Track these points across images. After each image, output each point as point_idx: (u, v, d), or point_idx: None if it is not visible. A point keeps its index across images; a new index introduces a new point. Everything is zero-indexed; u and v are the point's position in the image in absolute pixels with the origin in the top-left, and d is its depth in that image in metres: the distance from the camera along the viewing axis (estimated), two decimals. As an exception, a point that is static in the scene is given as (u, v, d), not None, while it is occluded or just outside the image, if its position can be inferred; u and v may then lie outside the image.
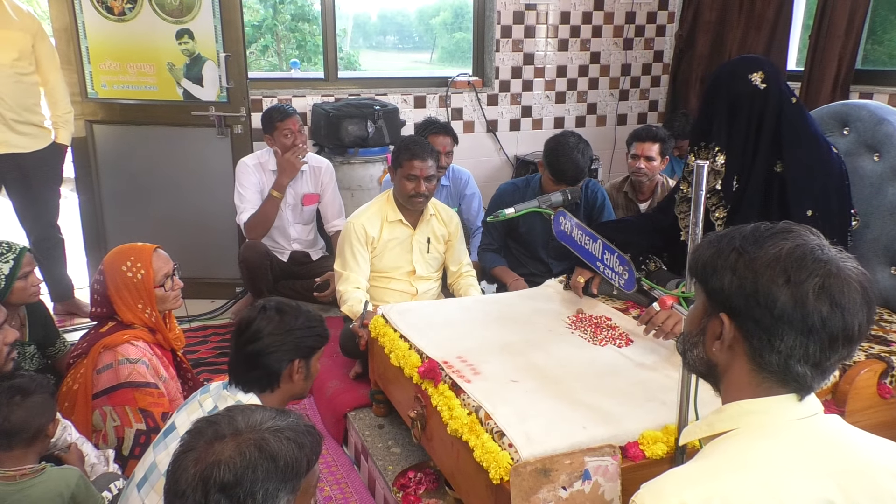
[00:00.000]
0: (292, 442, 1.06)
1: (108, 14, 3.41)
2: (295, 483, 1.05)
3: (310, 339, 1.61)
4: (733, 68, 1.98)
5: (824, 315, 0.91)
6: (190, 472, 1.01)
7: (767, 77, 1.91)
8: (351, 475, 2.33)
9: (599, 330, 2.10)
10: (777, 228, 0.98)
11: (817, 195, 1.95)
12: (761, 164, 1.95)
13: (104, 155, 3.65)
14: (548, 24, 4.55)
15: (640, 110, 4.97)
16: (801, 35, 4.12)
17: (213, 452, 1.02)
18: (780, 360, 0.94)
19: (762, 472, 0.91)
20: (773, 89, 1.92)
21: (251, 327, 1.58)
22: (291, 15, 6.82)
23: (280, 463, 1.03)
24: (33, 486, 1.61)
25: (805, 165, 1.94)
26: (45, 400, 1.69)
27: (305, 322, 1.61)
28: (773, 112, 1.92)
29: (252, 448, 1.02)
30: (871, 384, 1.81)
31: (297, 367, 1.59)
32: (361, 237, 2.73)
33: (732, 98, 1.93)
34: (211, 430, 1.06)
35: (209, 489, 0.99)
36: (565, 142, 2.76)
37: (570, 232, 1.82)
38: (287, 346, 1.57)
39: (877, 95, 3.43)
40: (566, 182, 2.74)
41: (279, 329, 1.57)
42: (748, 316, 0.95)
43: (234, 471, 1.00)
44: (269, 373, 1.57)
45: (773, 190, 1.96)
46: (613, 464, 1.46)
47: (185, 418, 1.55)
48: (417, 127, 3.52)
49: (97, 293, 2.07)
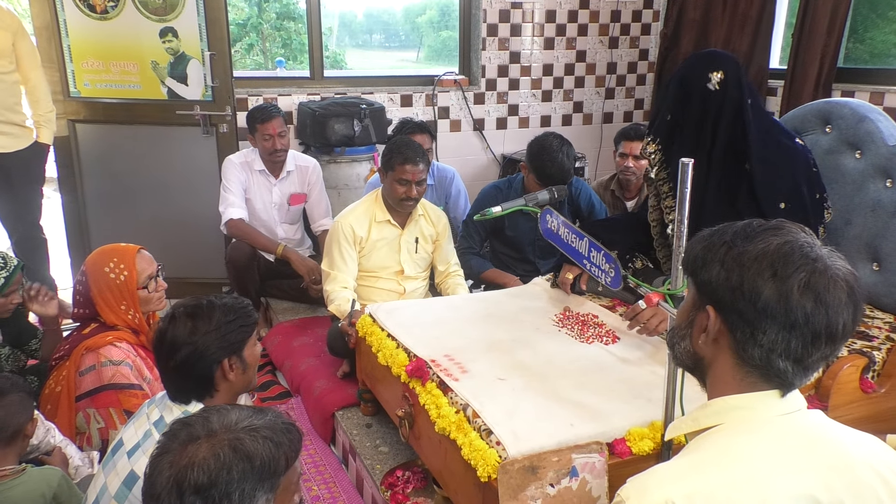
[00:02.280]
0: (269, 441, 1.05)
1: (90, 12, 3.37)
2: (273, 482, 1.04)
3: (231, 334, 1.50)
4: (694, 63, 1.95)
5: (808, 311, 0.91)
6: (165, 475, 1.01)
7: (727, 76, 1.88)
8: (339, 475, 2.33)
9: (586, 327, 2.11)
10: (769, 225, 0.99)
11: (788, 187, 1.96)
12: (723, 163, 1.93)
13: (87, 154, 3.61)
14: (534, 22, 4.56)
15: (626, 108, 5.00)
16: (784, 33, 4.16)
17: (187, 454, 1.02)
18: (763, 353, 0.95)
19: (746, 468, 0.91)
20: (731, 89, 1.89)
21: (165, 340, 1.47)
22: (277, 13, 6.78)
23: (256, 462, 1.02)
24: (14, 487, 1.59)
25: (771, 161, 1.94)
26: (21, 399, 1.67)
27: (222, 318, 1.50)
28: (732, 111, 1.90)
29: (227, 449, 1.02)
30: (854, 379, 1.83)
31: (228, 366, 1.50)
32: (349, 237, 2.72)
33: (685, 93, 1.92)
34: (185, 432, 1.05)
35: (184, 492, 0.99)
36: (548, 145, 2.75)
37: (556, 230, 1.83)
38: (210, 349, 1.47)
39: (858, 94, 3.47)
40: (554, 185, 2.74)
41: (195, 335, 1.47)
42: (733, 308, 0.96)
43: (209, 472, 0.99)
44: (201, 380, 1.49)
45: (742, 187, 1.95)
46: (600, 460, 1.47)
47: (132, 433, 1.49)
48: (394, 129, 3.50)
49: (80, 294, 2.05)
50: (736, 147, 1.93)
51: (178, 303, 1.56)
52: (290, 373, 2.91)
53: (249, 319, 1.56)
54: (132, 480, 1.38)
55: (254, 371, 1.60)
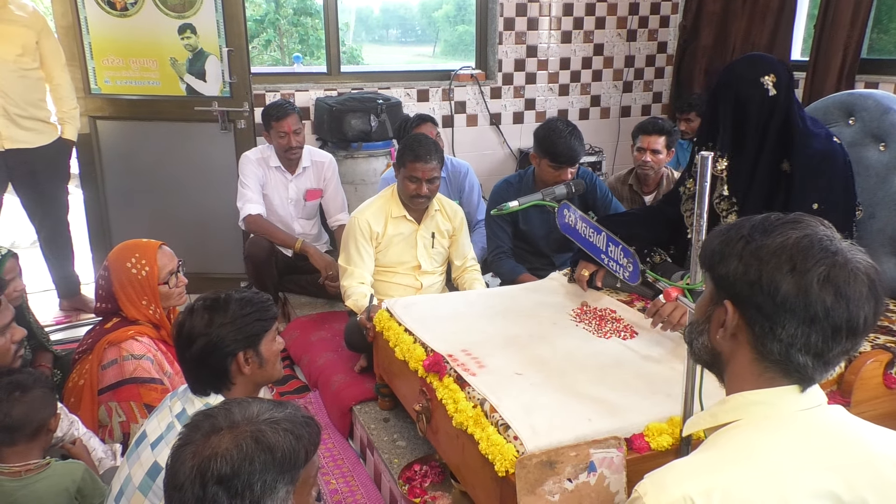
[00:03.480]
0: (289, 433, 1.06)
1: (110, 10, 3.41)
2: (293, 474, 1.05)
3: (248, 327, 1.51)
4: (743, 71, 1.91)
5: (828, 305, 0.90)
6: (188, 465, 1.02)
7: (779, 80, 1.87)
8: (357, 468, 2.34)
9: (604, 322, 2.09)
10: (787, 218, 0.98)
11: (823, 189, 1.94)
12: (767, 164, 1.93)
13: (108, 151, 3.65)
14: (551, 16, 4.53)
15: (644, 102, 4.95)
16: (806, 25, 4.10)
17: (210, 445, 1.03)
18: (782, 348, 0.94)
19: (764, 464, 0.90)
20: (783, 92, 1.88)
21: (183, 331, 1.50)
22: (294, 9, 6.82)
23: (277, 454, 1.03)
24: (38, 481, 1.62)
25: (813, 162, 1.93)
26: (44, 394, 1.69)
27: (238, 311, 1.51)
28: (781, 114, 1.89)
29: (249, 440, 1.03)
30: (877, 374, 1.80)
31: (244, 360, 1.51)
32: (366, 232, 2.73)
33: (742, 103, 1.89)
34: (208, 424, 1.07)
35: (207, 482, 1.00)
36: (554, 126, 2.75)
37: (574, 224, 1.82)
38: (224, 341, 1.48)
39: (882, 85, 3.40)
40: (565, 163, 2.72)
41: (210, 327, 1.48)
42: (751, 303, 0.95)
43: (232, 463, 1.00)
44: (217, 373, 1.50)
45: (779, 187, 1.94)
46: (619, 456, 1.46)
47: (155, 425, 1.51)
48: (397, 127, 3.49)
49: (102, 289, 2.08)
50: (778, 149, 1.91)
51: (198, 296, 1.57)
52: (308, 367, 2.93)
53: (267, 314, 1.57)
54: (156, 471, 1.41)
55: (273, 365, 1.60)
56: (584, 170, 3.08)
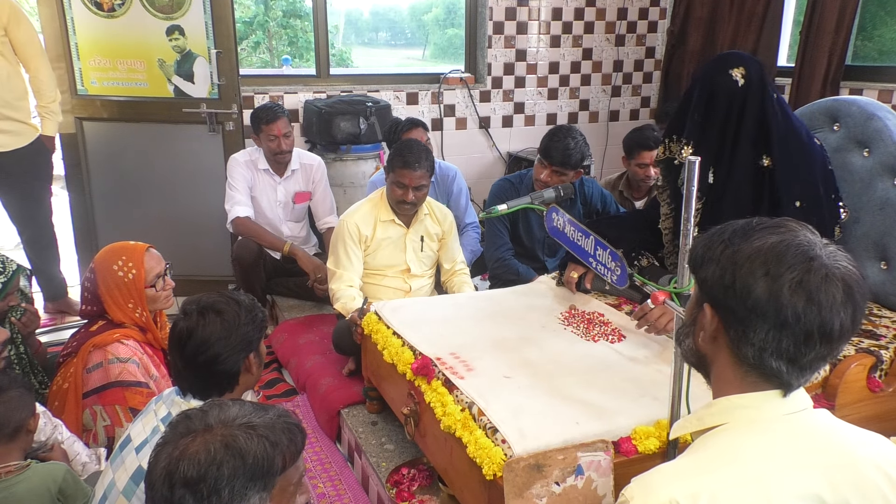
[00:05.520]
0: (265, 439, 1.05)
1: (97, 10, 3.39)
2: (266, 481, 1.04)
3: (254, 331, 1.56)
4: (713, 65, 1.98)
5: (798, 310, 0.90)
6: (161, 465, 1.02)
7: (748, 73, 1.91)
8: (344, 472, 2.33)
9: (592, 326, 2.10)
10: (769, 223, 0.98)
11: (804, 186, 1.96)
12: (745, 159, 1.95)
13: (94, 152, 3.62)
14: (540, 20, 4.55)
15: (633, 106, 4.98)
16: (792, 31, 4.14)
17: (180, 447, 1.03)
18: (755, 352, 0.95)
19: (750, 467, 0.91)
20: (754, 85, 1.91)
21: (194, 337, 1.49)
22: (283, 11, 6.79)
23: (249, 460, 1.02)
24: (18, 483, 1.60)
25: (791, 159, 1.95)
26: (21, 395, 1.67)
27: (247, 315, 1.55)
28: (755, 107, 1.92)
29: (218, 445, 1.02)
30: (861, 378, 1.82)
31: (252, 360, 1.56)
32: (355, 235, 2.72)
33: (710, 92, 1.94)
34: (183, 425, 1.07)
35: (174, 484, 1.00)
36: (559, 129, 2.77)
37: (562, 228, 1.83)
38: (239, 345, 1.52)
39: (867, 91, 3.44)
40: (552, 163, 2.72)
41: (225, 331, 1.50)
42: (726, 306, 0.96)
43: (198, 467, 1.00)
44: (226, 376, 1.53)
45: (763, 184, 1.97)
46: (606, 459, 1.47)
47: (140, 429, 1.50)
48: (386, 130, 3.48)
49: (87, 291, 2.06)
50: (758, 144, 1.93)
51: (191, 299, 1.56)
52: (295, 370, 2.92)
53: (263, 315, 1.62)
54: (140, 476, 1.39)
55: (261, 367, 1.65)
56: (591, 180, 3.06)
